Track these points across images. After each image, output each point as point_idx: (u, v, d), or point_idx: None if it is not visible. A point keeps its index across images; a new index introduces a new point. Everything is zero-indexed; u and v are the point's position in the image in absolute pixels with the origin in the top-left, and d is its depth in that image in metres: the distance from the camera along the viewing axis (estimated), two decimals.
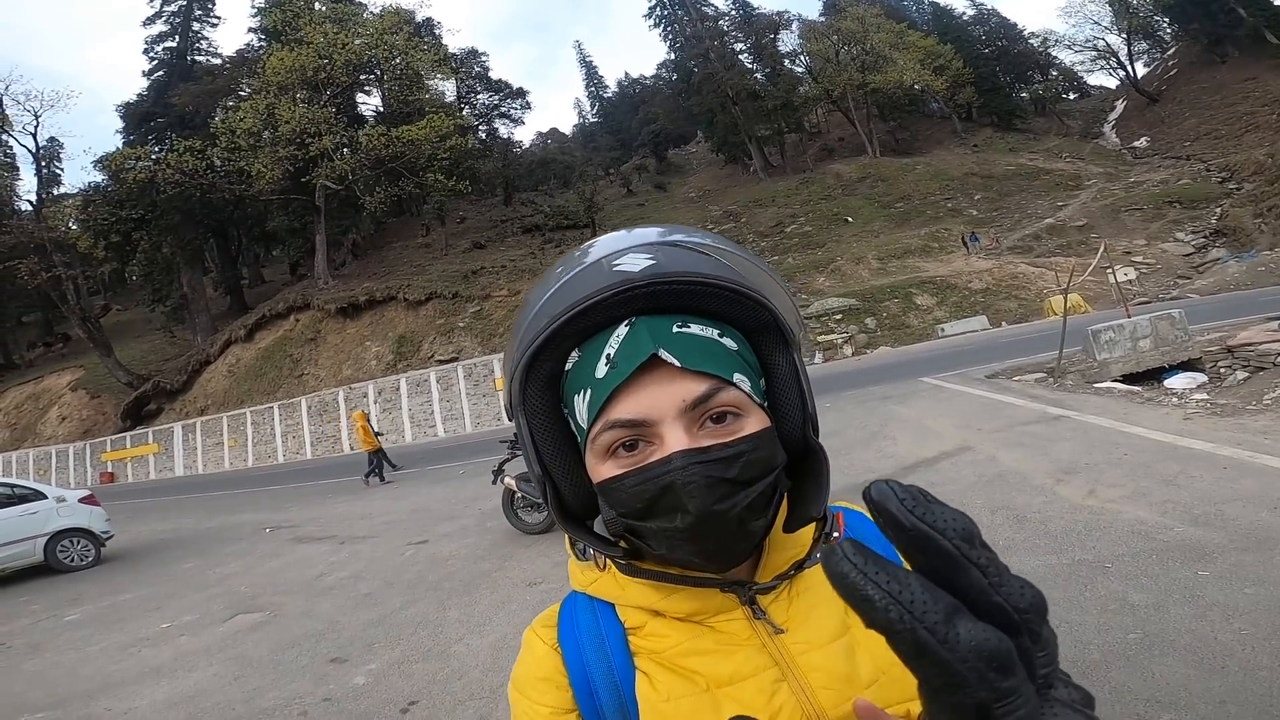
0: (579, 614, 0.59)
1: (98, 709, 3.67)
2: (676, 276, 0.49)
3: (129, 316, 47.13)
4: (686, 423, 0.49)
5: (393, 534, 7.47)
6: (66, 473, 31.03)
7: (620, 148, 61.60)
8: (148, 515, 13.59)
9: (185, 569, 7.46)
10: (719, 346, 0.50)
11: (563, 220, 37.39)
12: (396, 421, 24.13)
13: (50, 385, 39.30)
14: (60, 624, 5.79)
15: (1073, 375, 8.60)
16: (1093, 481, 4.48)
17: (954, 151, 45.41)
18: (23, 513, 8.10)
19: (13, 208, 37.27)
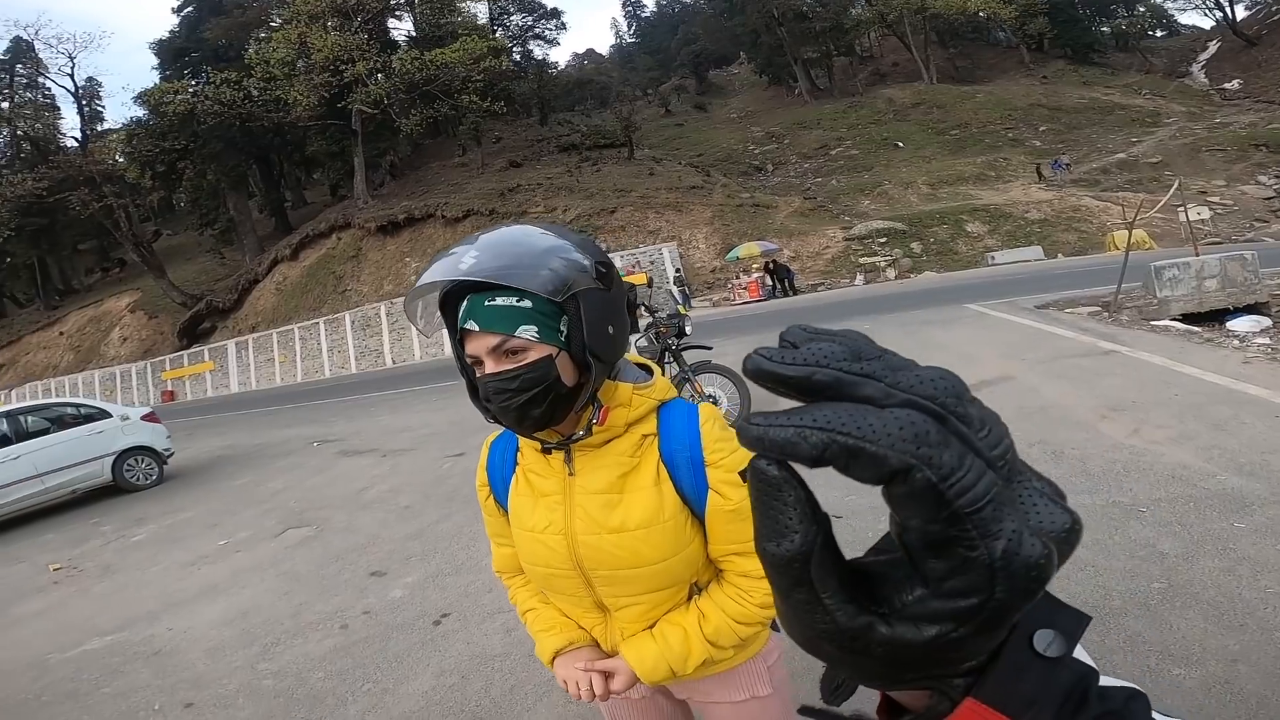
0: (506, 436, 1.06)
1: (160, 629, 3.86)
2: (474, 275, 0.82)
3: (179, 240, 48.58)
4: (495, 358, 0.85)
5: (431, 446, 7.68)
6: (130, 392, 32.64)
7: (659, 68, 59.22)
8: (205, 432, 14.17)
9: (240, 485, 7.72)
10: (511, 310, 0.84)
11: (599, 139, 36.56)
12: (436, 335, 24.68)
13: (110, 308, 41.07)
14: (128, 544, 6.00)
15: (1129, 311, 8.21)
16: (1138, 420, 4.28)
17: (1019, 82, 42.30)
18: (90, 432, 8.17)
19: (58, 144, 38.64)
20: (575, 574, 0.96)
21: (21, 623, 4.42)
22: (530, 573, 1.04)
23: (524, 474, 1.01)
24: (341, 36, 30.83)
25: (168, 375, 32.26)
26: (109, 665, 3.48)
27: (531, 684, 2.70)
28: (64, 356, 40.15)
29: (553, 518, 0.95)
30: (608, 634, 1.01)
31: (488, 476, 1.08)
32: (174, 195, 40.89)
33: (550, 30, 49.73)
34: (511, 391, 0.84)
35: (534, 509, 0.98)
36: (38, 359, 41.43)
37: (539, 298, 0.84)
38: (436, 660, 2.99)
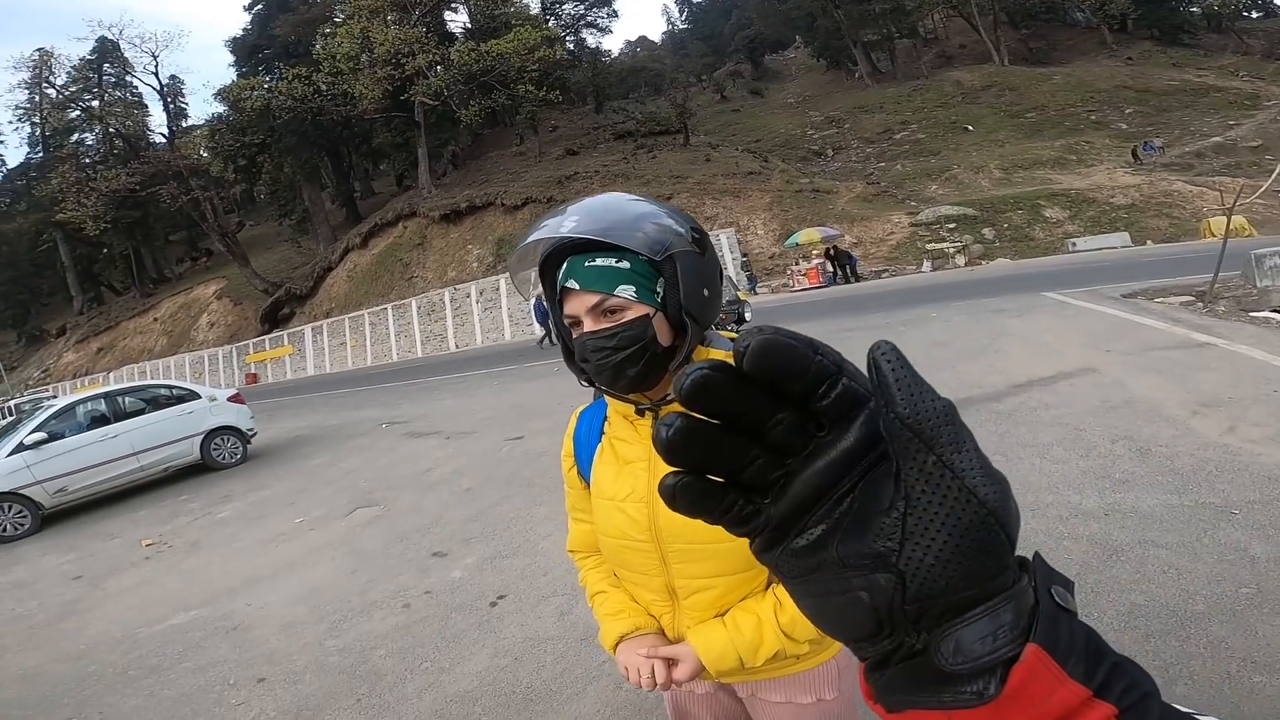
0: (592, 408, 1.10)
1: (239, 605, 4.05)
2: (575, 234, 0.85)
3: (260, 230, 51.23)
4: (593, 316, 0.88)
5: (492, 429, 7.84)
6: (217, 374, 34.57)
7: (713, 54, 58.18)
8: (284, 413, 14.84)
9: (315, 465, 8.09)
10: (613, 270, 0.86)
11: (655, 126, 36.32)
12: (496, 320, 25.23)
13: (199, 295, 43.60)
14: (213, 521, 6.30)
15: (1226, 301, 7.64)
16: (1234, 418, 3.98)
17: (1101, 63, 39.38)
18: (181, 412, 8.63)
19: (147, 141, 41.09)
20: (651, 547, 0.96)
21: (116, 596, 4.68)
22: (605, 546, 1.05)
23: (610, 443, 1.02)
24: (401, 30, 31.66)
25: (251, 359, 34.08)
26: (191, 640, 3.67)
27: (582, 668, 2.74)
28: (158, 341, 43.01)
29: (636, 485, 0.96)
30: (675, 623, 1.01)
31: (574, 447, 1.10)
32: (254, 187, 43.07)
33: (602, 18, 49.66)
34: (609, 349, 0.86)
35: (617, 477, 0.99)
36: (134, 343, 44.46)
37: (637, 259, 0.86)
38: (492, 641, 3.07)
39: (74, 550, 6.18)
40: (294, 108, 32.98)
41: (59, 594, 4.95)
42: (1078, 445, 4.00)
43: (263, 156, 36.75)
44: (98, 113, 40.93)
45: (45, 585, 5.24)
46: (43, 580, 5.40)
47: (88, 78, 42.96)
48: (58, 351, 49.57)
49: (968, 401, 5.27)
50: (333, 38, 34.06)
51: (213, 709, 2.93)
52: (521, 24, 34.56)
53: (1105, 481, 3.46)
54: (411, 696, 2.76)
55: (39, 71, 41.60)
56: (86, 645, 3.85)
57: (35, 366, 49.83)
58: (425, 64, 31.55)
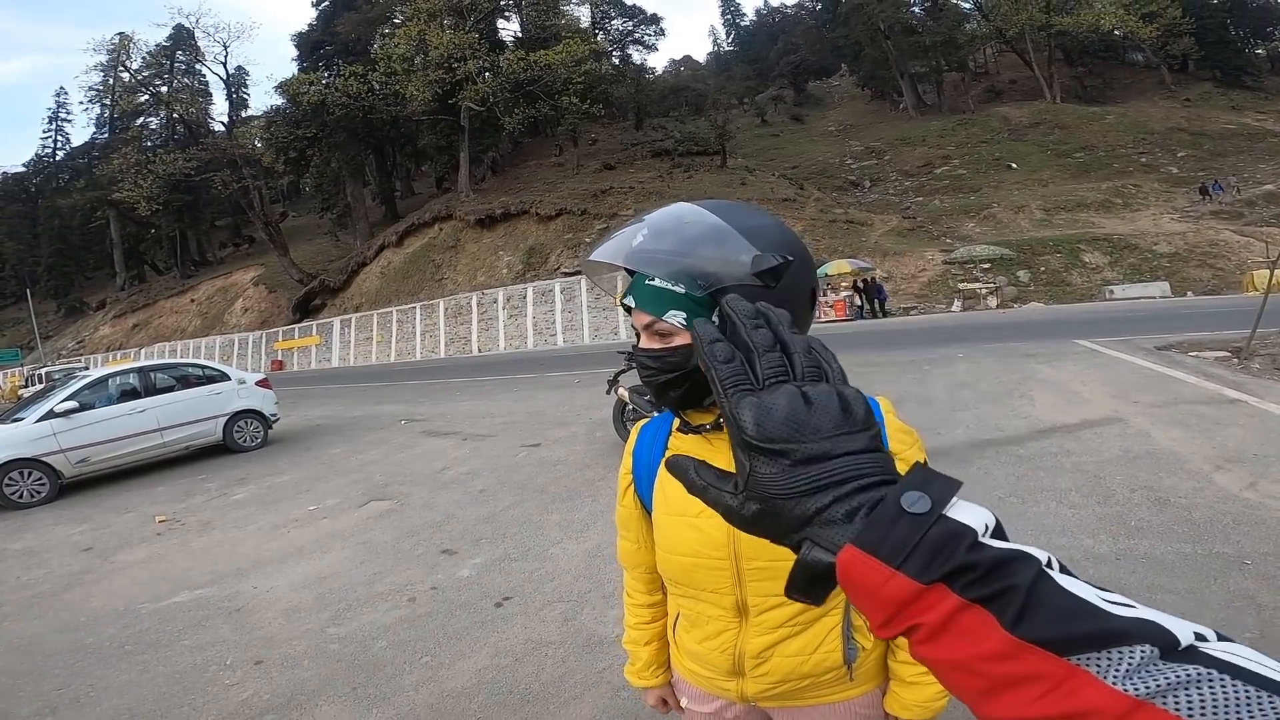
0: (656, 421, 1.06)
1: (245, 587, 4.06)
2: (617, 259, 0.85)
3: (302, 222, 52.51)
4: (648, 334, 0.88)
5: (509, 434, 7.89)
6: (245, 358, 35.40)
7: (756, 78, 58.50)
8: (307, 401, 14.88)
9: (333, 454, 8.11)
10: (666, 293, 0.83)
11: (693, 146, 36.56)
12: (521, 328, 25.47)
13: (236, 280, 44.76)
14: (228, 503, 6.30)
15: (1262, 359, 7.53)
16: (1257, 474, 3.98)
17: (1157, 104, 38.60)
18: (209, 393, 8.72)
19: (207, 128, 42.59)
20: (727, 564, 0.94)
21: (123, 570, 4.67)
22: (669, 565, 1.00)
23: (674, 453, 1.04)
24: (456, 35, 32.54)
25: (279, 345, 34.87)
26: (193, 619, 3.68)
27: (582, 674, 2.73)
28: (192, 321, 44.17)
29: None
30: (739, 639, 0.98)
31: (633, 463, 1.07)
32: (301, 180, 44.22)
33: (649, 35, 50.46)
34: (653, 369, 0.88)
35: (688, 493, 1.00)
36: (169, 322, 45.73)
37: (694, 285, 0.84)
38: (494, 641, 3.07)
39: (87, 522, 6.20)
40: (347, 104, 34.01)
41: (67, 564, 4.96)
42: (1096, 492, 4.00)
43: (313, 150, 37.88)
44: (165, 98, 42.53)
45: (54, 555, 5.26)
46: (52, 550, 5.42)
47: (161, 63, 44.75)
48: (94, 324, 51.11)
49: (988, 444, 5.17)
50: (391, 38, 35.26)
51: (205, 688, 2.92)
52: (571, 36, 35.27)
53: (1120, 528, 3.48)
54: (408, 689, 2.75)
55: (116, 55, 43.40)
56: (87, 618, 3.85)
57: (71, 337, 51.37)
58: (475, 70, 32.44)
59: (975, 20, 44.67)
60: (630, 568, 1.14)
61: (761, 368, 0.38)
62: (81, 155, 57.41)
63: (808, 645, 0.94)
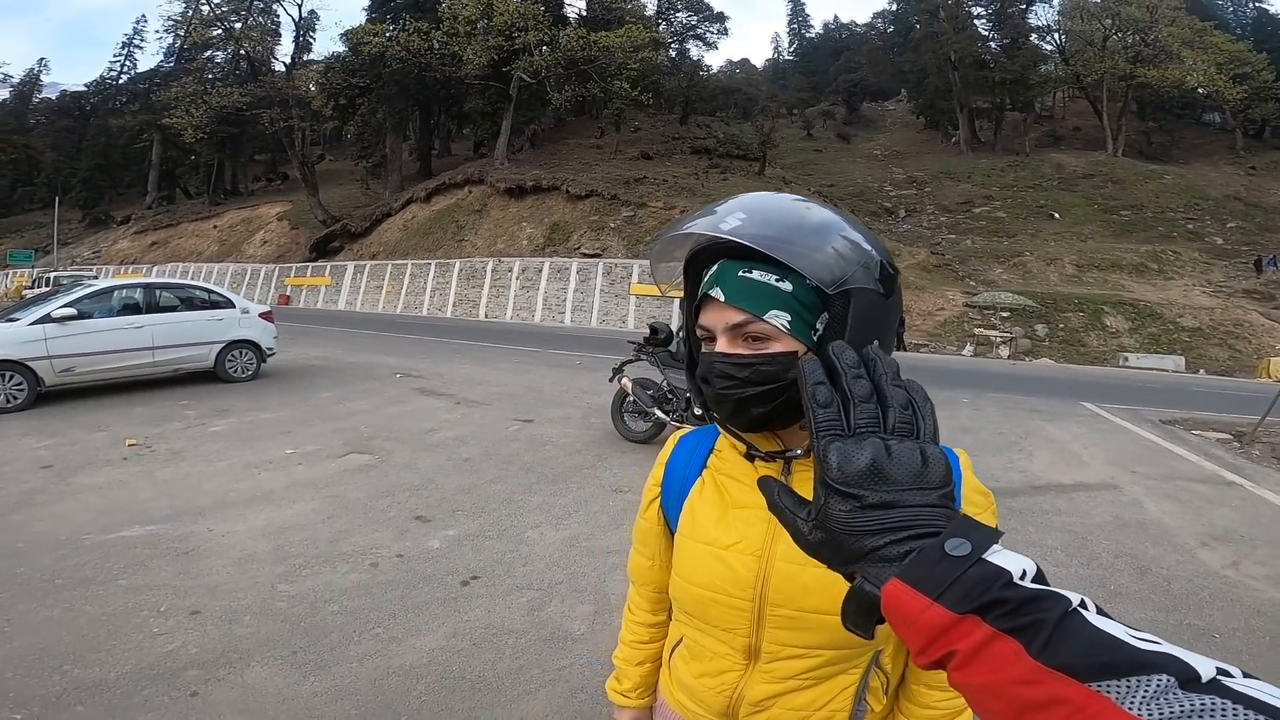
0: (698, 433, 0.94)
1: (201, 528, 3.84)
2: (739, 237, 0.69)
3: (337, 166, 52.59)
4: (730, 336, 0.74)
5: (503, 405, 7.77)
6: (254, 289, 35.62)
7: (810, 90, 58.12)
8: (306, 339, 14.61)
9: (322, 398, 7.96)
10: (768, 289, 0.71)
11: (734, 149, 36.22)
12: (531, 300, 25.45)
13: (262, 213, 44.90)
14: (204, 434, 6.06)
15: (1263, 446, 7.78)
16: (1241, 555, 4.19)
17: (1220, 169, 37.65)
18: (210, 318, 8.54)
19: (269, 67, 42.82)
20: (748, 606, 0.82)
21: (78, 494, 4.41)
22: (684, 594, 0.88)
23: (715, 479, 0.88)
24: (522, 4, 32.43)
25: (290, 281, 35.10)
26: (137, 557, 3.46)
27: (540, 668, 2.60)
28: (210, 246, 44.33)
29: (749, 534, 0.82)
30: (741, 682, 0.86)
31: (664, 475, 0.95)
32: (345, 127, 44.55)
33: (711, 33, 49.79)
34: (738, 380, 0.72)
35: (722, 520, 0.84)
36: (187, 244, 45.89)
37: (802, 283, 0.72)
38: (453, 621, 2.93)
39: (55, 436, 5.90)
40: (405, 59, 34.02)
41: (22, 482, 4.66)
42: (1081, 554, 4.09)
43: (362, 100, 38.07)
44: (237, 34, 42.90)
45: (11, 469, 4.93)
46: (12, 464, 5.08)
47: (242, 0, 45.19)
48: (114, 237, 51.40)
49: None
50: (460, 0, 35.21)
51: (131, 634, 2.72)
52: (634, 22, 35.08)
53: (1099, 590, 3.54)
54: (352, 660, 2.60)
55: None
56: (26, 544, 3.59)
57: (89, 247, 51.69)
58: (534, 41, 32.24)
59: (1053, 63, 43.57)
60: (640, 584, 1.03)
61: (855, 417, 0.42)
62: (143, 81, 58.15)
63: (815, 701, 0.84)
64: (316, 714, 2.29)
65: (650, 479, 0.97)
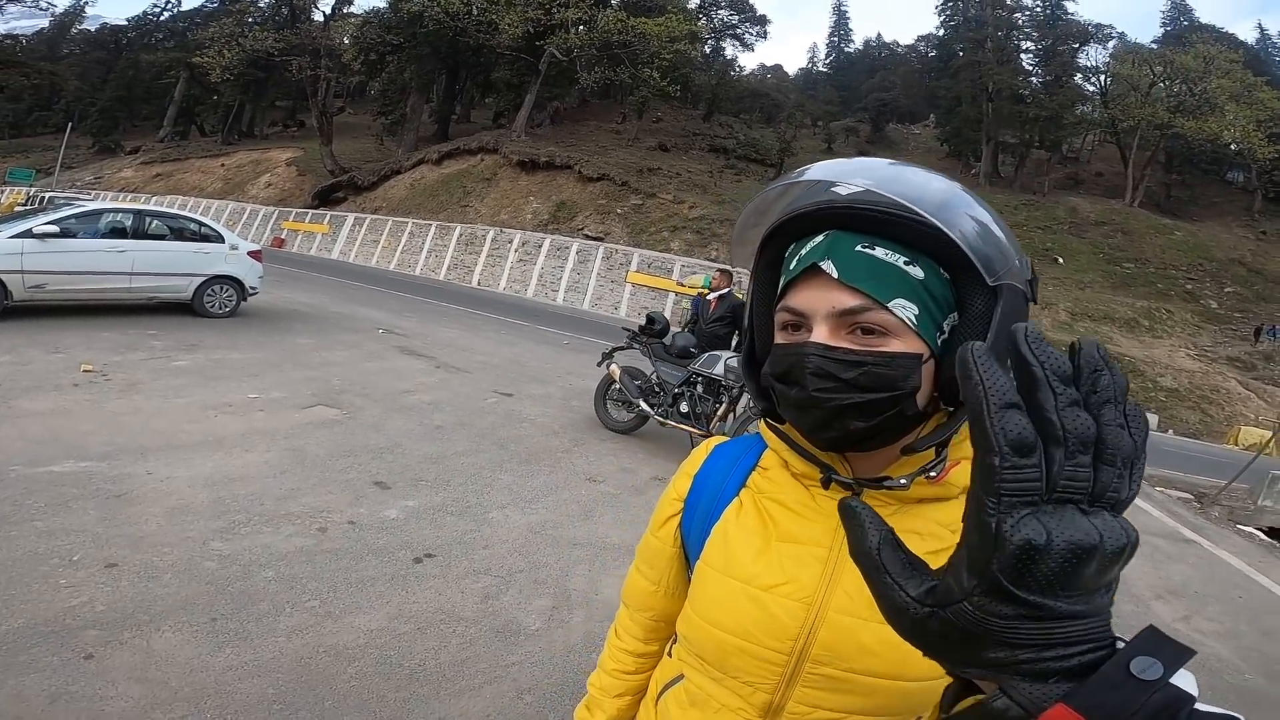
0: (739, 444, 0.78)
1: (139, 470, 3.57)
2: (862, 203, 0.58)
3: (355, 120, 52.21)
4: (834, 324, 0.59)
5: (485, 375, 7.55)
6: (250, 229, 35.23)
7: (839, 104, 57.92)
8: (292, 284, 14.19)
9: (298, 344, 7.66)
10: (895, 271, 0.58)
11: (752, 152, 36.13)
12: (526, 274, 25.27)
13: (272, 157, 44.57)
14: (166, 367, 5.77)
15: (1222, 508, 8.26)
16: (1193, 610, 4.35)
17: (1232, 230, 37.55)
18: (197, 250, 8.30)
19: (309, 15, 42.68)
20: (784, 661, 0.65)
21: (17, 420, 4.09)
22: (702, 636, 0.70)
23: (758, 501, 0.71)
24: None
25: (286, 225, 34.78)
26: (62, 496, 3.17)
27: (487, 662, 2.40)
28: (214, 184, 43.96)
29: (800, 575, 0.65)
30: None
31: (690, 489, 0.78)
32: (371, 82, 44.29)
33: (750, 34, 49.50)
34: (842, 382, 0.57)
35: (763, 554, 0.68)
36: (191, 179, 45.47)
37: (934, 272, 0.59)
38: (399, 601, 2.72)
39: (9, 354, 5.57)
40: (442, 21, 33.88)
41: None
42: None
43: (393, 57, 37.90)
44: None
45: None
46: None
47: None
48: (119, 165, 50.87)
49: None
50: None
51: (33, 584, 2.46)
52: (675, 12, 34.91)
53: None
54: (279, 634, 2.37)
55: None
56: None
57: (92, 172, 51.17)
58: (573, 19, 32.11)
59: (1092, 104, 42.96)
60: (635, 609, 0.86)
61: (1061, 475, 0.28)
62: (184, 19, 58.11)
63: None
64: (226, 690, 2.06)
65: (671, 491, 0.81)
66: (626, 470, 4.97)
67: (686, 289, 19.47)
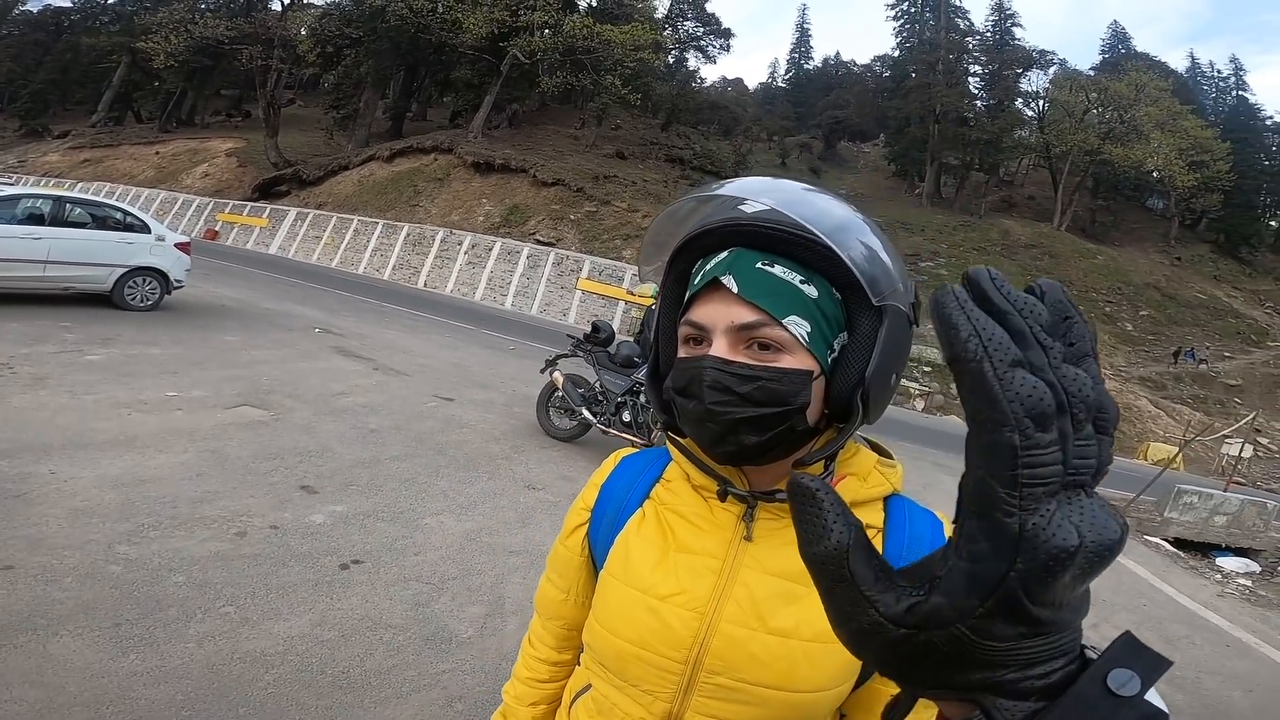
0: (645, 456, 0.80)
1: (42, 469, 3.40)
2: (766, 222, 0.61)
3: (305, 113, 50.31)
4: (732, 338, 0.61)
5: (425, 379, 7.43)
6: (182, 220, 33.53)
7: (795, 120, 59.58)
8: (223, 278, 13.60)
9: (224, 341, 7.37)
10: (791, 289, 0.60)
11: (707, 164, 36.76)
12: (475, 277, 24.86)
13: (212, 146, 42.53)
14: (78, 362, 5.51)
15: (1130, 520, 8.65)
16: (1101, 617, 4.50)
17: (1149, 255, 40.23)
18: (119, 240, 7.91)
19: (265, 4, 41.64)
20: (679, 670, 0.67)
21: None
22: (603, 644, 0.72)
23: (659, 513, 0.73)
24: None
25: (222, 217, 33.17)
26: None
27: (416, 670, 2.37)
28: (146, 171, 41.63)
29: (693, 586, 0.68)
30: None
31: (597, 499, 0.80)
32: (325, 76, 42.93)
33: (713, 47, 50.02)
34: (736, 396, 0.60)
35: (661, 564, 0.70)
36: (122, 166, 42.98)
37: (827, 292, 0.62)
38: (323, 607, 2.65)
39: None
40: (406, 17, 33.15)
41: None
42: None
43: (350, 51, 36.79)
44: None
45: None
46: None
47: None
48: (45, 149, 47.97)
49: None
50: None
51: None
52: (642, 20, 35.04)
53: None
54: (189, 639, 2.29)
55: None
56: None
57: (16, 156, 47.99)
58: (539, 22, 31.91)
59: (1029, 129, 45.10)
60: (547, 617, 0.87)
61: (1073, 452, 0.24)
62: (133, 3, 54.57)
63: None
64: (130, 695, 1.99)
65: (579, 501, 0.82)
66: (566, 478, 4.97)
67: (637, 298, 19.56)
